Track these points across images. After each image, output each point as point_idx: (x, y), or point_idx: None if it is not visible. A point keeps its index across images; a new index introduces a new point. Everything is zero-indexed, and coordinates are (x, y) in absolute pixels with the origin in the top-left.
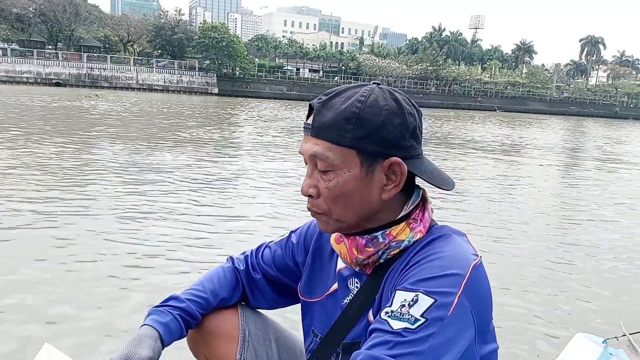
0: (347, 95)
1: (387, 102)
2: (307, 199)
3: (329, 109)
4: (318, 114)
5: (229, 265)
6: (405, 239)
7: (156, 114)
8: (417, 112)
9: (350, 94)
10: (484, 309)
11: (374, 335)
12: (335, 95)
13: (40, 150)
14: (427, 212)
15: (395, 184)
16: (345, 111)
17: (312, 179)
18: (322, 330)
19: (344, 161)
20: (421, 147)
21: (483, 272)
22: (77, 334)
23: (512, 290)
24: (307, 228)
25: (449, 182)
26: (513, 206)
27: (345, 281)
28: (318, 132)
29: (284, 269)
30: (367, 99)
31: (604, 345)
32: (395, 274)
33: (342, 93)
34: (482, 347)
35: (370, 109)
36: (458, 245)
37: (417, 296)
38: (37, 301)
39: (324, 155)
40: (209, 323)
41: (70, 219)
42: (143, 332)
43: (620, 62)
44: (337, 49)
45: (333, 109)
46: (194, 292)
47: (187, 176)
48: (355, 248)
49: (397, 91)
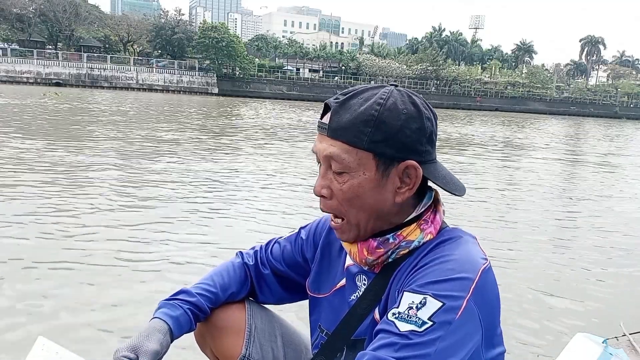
0: (365, 96)
1: (406, 106)
2: (320, 200)
3: (347, 109)
4: (335, 114)
5: (239, 260)
6: (415, 240)
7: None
8: (433, 117)
9: (369, 95)
10: (491, 313)
11: (380, 336)
12: (353, 96)
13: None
14: (438, 214)
15: (409, 188)
16: (364, 113)
17: (326, 179)
18: (328, 326)
19: (360, 164)
20: (435, 152)
21: (492, 277)
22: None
23: (511, 289)
24: (316, 224)
25: (461, 188)
26: (512, 205)
27: (353, 278)
28: (335, 133)
29: (292, 264)
30: (386, 102)
31: (604, 345)
32: (404, 274)
33: (360, 94)
34: (489, 351)
35: (390, 113)
36: (468, 249)
37: (425, 299)
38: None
39: (340, 157)
40: (216, 317)
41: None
42: (154, 325)
43: (620, 62)
44: (337, 49)
45: (351, 110)
46: (204, 286)
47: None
48: (367, 249)
49: (416, 94)
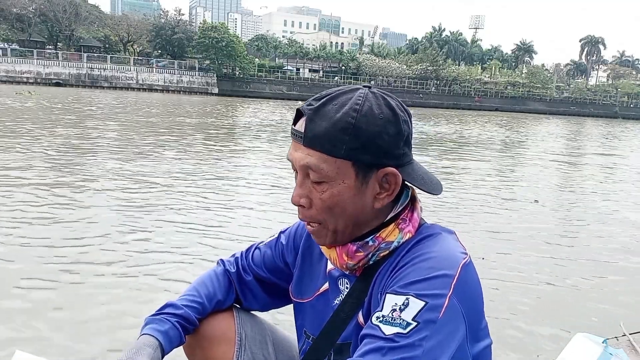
0: (340, 102)
1: (382, 110)
2: (298, 209)
3: (322, 117)
4: (310, 122)
5: (221, 267)
6: (395, 240)
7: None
8: (409, 118)
9: (344, 100)
10: (474, 307)
11: (366, 341)
12: (327, 102)
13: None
14: (416, 212)
15: (388, 194)
16: (341, 121)
17: (304, 188)
18: (313, 331)
19: (339, 172)
20: (412, 152)
21: (472, 270)
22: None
23: (511, 289)
24: (295, 228)
25: (438, 187)
26: (512, 205)
27: (336, 282)
28: (311, 142)
29: (274, 270)
30: (362, 108)
31: (604, 345)
32: (385, 275)
33: (334, 99)
34: (475, 345)
35: (366, 119)
36: (446, 245)
37: (408, 300)
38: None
39: (318, 167)
40: (205, 328)
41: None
42: (142, 342)
43: (620, 62)
44: (337, 49)
45: (327, 117)
46: (189, 297)
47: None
48: (346, 254)
49: (390, 96)
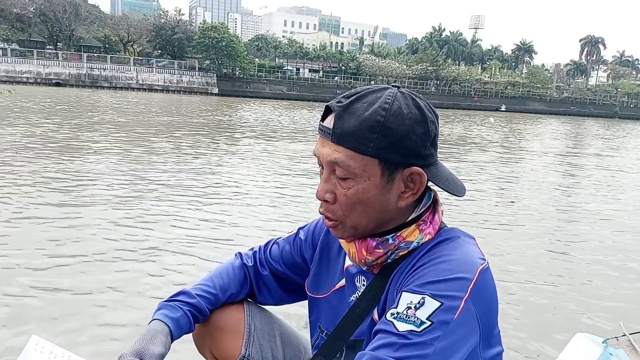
0: (369, 100)
1: (410, 110)
2: (321, 203)
3: (351, 114)
4: (339, 119)
5: (238, 261)
6: (415, 241)
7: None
8: (436, 119)
9: (373, 99)
10: (489, 313)
11: (379, 336)
12: (356, 100)
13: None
14: (437, 214)
15: (413, 192)
16: (369, 119)
17: (329, 184)
18: (327, 327)
19: (365, 169)
20: (437, 153)
21: (490, 277)
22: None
23: (511, 289)
24: (315, 225)
25: (461, 189)
26: (512, 204)
27: (353, 279)
28: (339, 139)
29: (291, 265)
30: (391, 107)
31: (604, 345)
32: (402, 275)
33: (363, 97)
34: (487, 351)
35: (395, 118)
36: (466, 249)
37: (424, 299)
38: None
39: (345, 163)
40: (215, 318)
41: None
42: (154, 327)
43: (620, 62)
44: (337, 49)
45: (356, 115)
46: (203, 287)
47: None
48: (365, 249)
49: (418, 96)
